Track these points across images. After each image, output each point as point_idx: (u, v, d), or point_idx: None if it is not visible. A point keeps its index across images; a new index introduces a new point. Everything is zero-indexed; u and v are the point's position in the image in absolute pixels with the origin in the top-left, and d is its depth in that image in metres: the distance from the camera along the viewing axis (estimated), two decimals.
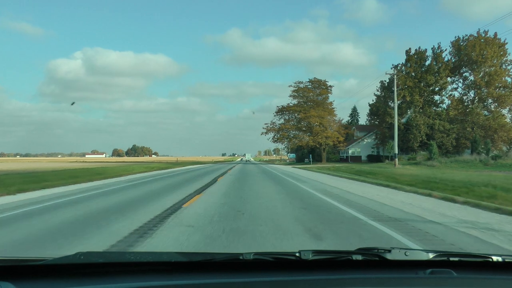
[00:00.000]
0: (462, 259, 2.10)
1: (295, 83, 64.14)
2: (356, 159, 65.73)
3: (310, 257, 1.94)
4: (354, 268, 2.01)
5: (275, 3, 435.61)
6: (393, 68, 58.14)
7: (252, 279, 1.82)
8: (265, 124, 68.52)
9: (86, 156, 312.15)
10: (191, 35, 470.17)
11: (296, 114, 64.43)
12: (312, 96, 63.94)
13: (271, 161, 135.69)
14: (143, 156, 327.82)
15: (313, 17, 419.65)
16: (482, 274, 2.01)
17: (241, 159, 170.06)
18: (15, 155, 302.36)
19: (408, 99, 53.03)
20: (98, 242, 5.71)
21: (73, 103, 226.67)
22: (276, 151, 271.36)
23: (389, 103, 58.76)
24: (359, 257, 2.00)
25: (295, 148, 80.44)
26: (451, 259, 2.07)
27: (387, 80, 59.63)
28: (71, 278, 1.78)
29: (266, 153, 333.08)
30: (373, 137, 67.36)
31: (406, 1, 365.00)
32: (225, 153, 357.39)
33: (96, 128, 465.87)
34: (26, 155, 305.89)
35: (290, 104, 64.99)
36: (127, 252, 4.52)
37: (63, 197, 12.39)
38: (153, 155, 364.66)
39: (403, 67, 56.08)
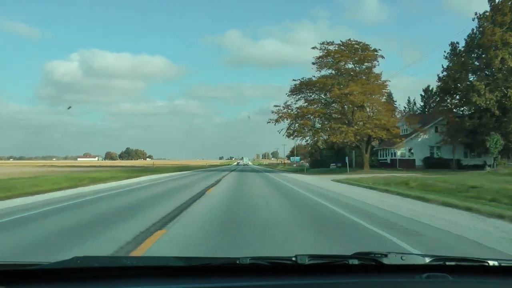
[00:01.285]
0: (458, 263, 2.08)
1: (322, 44, 40.75)
2: (407, 164, 43.75)
3: (307, 261, 1.92)
4: (350, 272, 1.98)
5: (274, 3, 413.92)
6: (476, 18, 36.06)
7: (249, 283, 1.83)
8: (275, 106, 43.91)
9: (78, 159, 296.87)
10: (189, 36, 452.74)
11: (322, 94, 41.57)
12: (347, 63, 40.90)
13: (272, 166, 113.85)
14: (137, 159, 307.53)
15: (313, 17, 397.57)
16: (478, 279, 1.99)
17: (237, 163, 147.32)
18: (8, 158, 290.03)
19: (510, 63, 31.00)
20: None
21: (69, 107, 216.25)
22: (275, 154, 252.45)
23: (470, 75, 36.71)
24: (356, 262, 1.97)
25: (318, 148, 57.47)
26: (448, 263, 2.05)
27: (461, 43, 37.75)
28: (67, 282, 1.77)
29: (265, 156, 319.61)
30: (432, 130, 45.24)
31: (407, 0, 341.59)
32: (222, 157, 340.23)
33: (93, 131, 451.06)
34: (20, 158, 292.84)
35: (313, 78, 41.64)
36: (124, 256, 4.53)
37: None
38: (147, 158, 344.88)
39: (487, 22, 34.14)
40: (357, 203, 12.11)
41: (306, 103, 40.99)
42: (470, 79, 36.99)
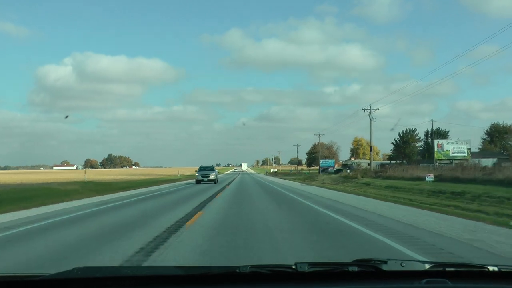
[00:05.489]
0: (458, 269, 2.08)
1: None
2: None
3: (307, 269, 1.89)
4: (350, 279, 1.96)
5: None
6: None
7: None
8: None
9: (54, 168, 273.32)
10: (188, 36, 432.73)
11: None
12: None
13: (298, 178, 63.09)
14: (121, 167, 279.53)
15: (320, 14, 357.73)
16: (477, 284, 1.99)
17: (200, 178, 56.31)
18: None
19: None
20: None
21: (67, 116, 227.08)
22: (277, 159, 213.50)
23: None
24: (355, 269, 1.96)
25: None
26: (447, 269, 2.04)
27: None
28: None
29: (265, 162, 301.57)
30: None
31: None
32: (219, 163, 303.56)
33: (85, 139, 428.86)
34: (5, 168, 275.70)
35: None
36: (124, 266, 4.38)
37: None
38: (133, 166, 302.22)
39: None
40: None
41: None
42: None
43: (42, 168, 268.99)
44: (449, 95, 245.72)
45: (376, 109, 52.29)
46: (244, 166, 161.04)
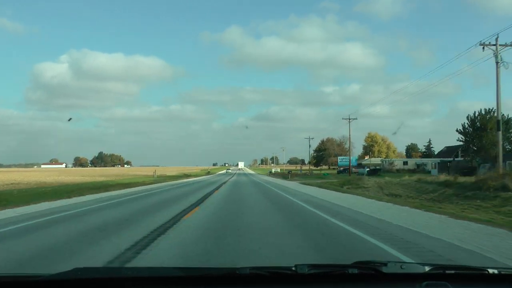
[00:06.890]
0: (458, 271, 2.06)
1: None
2: None
3: (306, 271, 1.91)
4: (350, 281, 1.96)
5: None
6: None
7: None
8: None
9: (42, 166, 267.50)
10: (186, 34, 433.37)
11: None
12: None
13: (308, 180, 45.13)
14: (112, 165, 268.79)
15: (321, 11, 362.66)
16: (477, 287, 1.98)
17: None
18: None
19: None
20: None
21: (70, 119, 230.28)
22: (276, 159, 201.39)
23: None
24: (355, 271, 1.96)
25: None
26: (447, 272, 2.03)
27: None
28: None
29: (264, 162, 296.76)
30: None
31: None
32: (216, 163, 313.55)
33: (82, 138, 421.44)
34: None
35: None
36: (124, 267, 4.46)
37: None
38: (125, 165, 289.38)
39: None
40: None
41: None
42: None
43: (35, 167, 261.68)
44: (450, 95, 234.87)
45: (507, 45, 26.65)
46: (241, 165, 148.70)
